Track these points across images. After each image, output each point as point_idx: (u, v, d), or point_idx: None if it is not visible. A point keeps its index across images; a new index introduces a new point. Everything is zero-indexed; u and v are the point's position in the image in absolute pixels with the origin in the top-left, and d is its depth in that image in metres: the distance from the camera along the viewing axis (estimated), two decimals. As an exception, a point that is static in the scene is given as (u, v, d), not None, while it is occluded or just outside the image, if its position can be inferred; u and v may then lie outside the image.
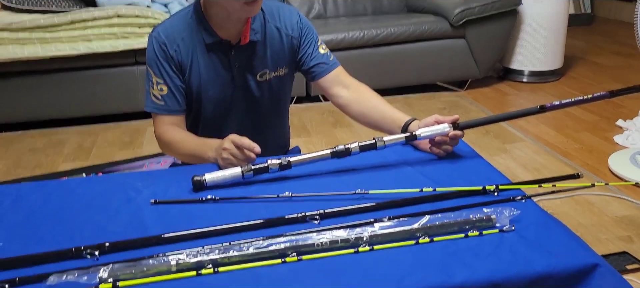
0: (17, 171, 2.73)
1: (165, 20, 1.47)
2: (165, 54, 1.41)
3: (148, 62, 1.44)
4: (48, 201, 1.16)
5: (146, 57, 1.45)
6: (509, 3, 3.69)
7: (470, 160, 1.31)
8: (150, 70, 1.43)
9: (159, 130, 1.47)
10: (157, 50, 1.41)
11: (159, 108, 1.44)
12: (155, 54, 1.41)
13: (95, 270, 0.88)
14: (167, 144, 1.46)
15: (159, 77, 1.42)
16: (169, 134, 1.45)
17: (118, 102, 3.28)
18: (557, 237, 0.97)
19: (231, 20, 1.38)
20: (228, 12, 1.35)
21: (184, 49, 1.42)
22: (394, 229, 0.97)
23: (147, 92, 1.45)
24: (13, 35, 2.98)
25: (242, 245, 0.93)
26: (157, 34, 1.42)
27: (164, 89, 1.42)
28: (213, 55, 1.43)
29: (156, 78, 1.42)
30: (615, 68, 4.30)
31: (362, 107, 1.49)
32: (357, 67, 3.41)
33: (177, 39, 1.41)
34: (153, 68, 1.42)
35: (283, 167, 1.21)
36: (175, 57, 1.41)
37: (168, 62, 1.41)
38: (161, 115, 1.45)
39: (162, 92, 1.43)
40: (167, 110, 1.45)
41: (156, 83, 1.42)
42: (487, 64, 3.81)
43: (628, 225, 2.11)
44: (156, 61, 1.41)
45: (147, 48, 1.44)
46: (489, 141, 2.95)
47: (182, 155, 1.46)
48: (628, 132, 2.96)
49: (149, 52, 1.43)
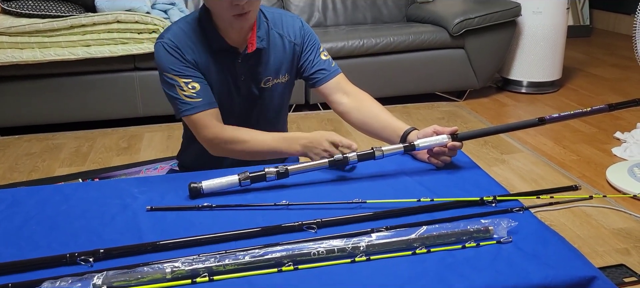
0: (12, 176, 2.72)
1: (169, 28, 1.41)
2: (181, 55, 1.36)
3: (165, 69, 1.37)
4: (43, 206, 1.15)
5: (160, 66, 1.37)
6: (508, 14, 3.71)
7: (468, 170, 1.31)
8: (173, 75, 1.36)
9: (213, 131, 1.38)
10: (173, 53, 1.36)
11: (200, 105, 1.37)
12: (172, 57, 1.36)
13: (89, 277, 0.87)
14: (231, 142, 1.38)
15: (185, 77, 1.36)
16: (228, 132, 1.38)
17: (116, 108, 3.27)
18: (555, 249, 0.97)
19: (234, 28, 1.38)
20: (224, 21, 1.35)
21: (195, 53, 1.39)
22: (391, 239, 0.97)
23: (177, 99, 1.37)
24: (12, 39, 2.98)
25: (238, 254, 0.92)
26: (168, 41, 1.37)
27: (196, 86, 1.36)
28: (220, 62, 1.42)
29: (183, 79, 1.36)
30: (614, 80, 4.31)
31: (363, 115, 1.49)
32: (356, 76, 3.40)
33: (189, 43, 1.38)
34: (175, 71, 1.36)
35: (280, 175, 1.21)
36: (191, 60, 1.38)
37: (187, 62, 1.37)
38: (205, 111, 1.37)
39: (195, 90, 1.36)
40: (208, 105, 1.38)
41: (185, 83, 1.36)
42: (485, 74, 3.82)
43: (625, 238, 2.11)
44: (175, 63, 1.36)
45: (159, 56, 1.37)
46: (487, 151, 2.95)
47: (253, 152, 1.38)
48: (626, 144, 2.96)
49: (163, 59, 1.36)
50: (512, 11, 3.72)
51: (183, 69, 1.37)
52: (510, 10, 3.71)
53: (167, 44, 1.37)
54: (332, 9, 4.07)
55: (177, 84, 1.36)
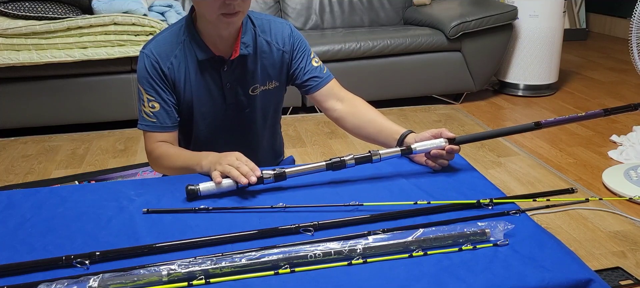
0: (8, 177, 2.71)
1: (156, 36, 1.44)
2: (157, 71, 1.38)
3: (139, 79, 1.41)
4: (39, 209, 1.15)
5: (137, 74, 1.42)
6: (505, 17, 3.72)
7: (464, 173, 1.31)
8: (141, 88, 1.40)
9: (150, 147, 1.43)
10: (149, 67, 1.38)
11: (150, 125, 1.41)
12: (147, 71, 1.39)
13: (85, 280, 0.87)
14: (158, 158, 1.42)
15: (149, 94, 1.39)
16: (160, 149, 1.41)
17: (112, 110, 3.27)
18: (551, 252, 0.97)
19: (220, 35, 1.37)
20: (212, 24, 1.34)
21: (177, 66, 1.40)
22: (387, 242, 0.97)
23: (139, 110, 1.43)
24: (8, 41, 2.97)
25: (235, 256, 0.92)
26: (149, 52, 1.39)
27: (156, 106, 1.40)
28: (205, 72, 1.42)
29: (147, 95, 1.39)
30: (610, 83, 4.32)
31: (358, 120, 1.48)
32: (353, 79, 3.43)
33: (170, 56, 1.39)
34: (144, 85, 1.40)
35: (278, 178, 1.20)
36: (169, 75, 1.39)
37: (160, 79, 1.39)
38: (152, 132, 1.42)
39: (153, 109, 1.40)
40: (159, 127, 1.41)
41: (147, 100, 1.40)
42: (482, 77, 3.83)
43: (622, 241, 2.11)
44: (147, 78, 1.39)
45: (138, 65, 1.41)
46: (483, 154, 2.96)
47: (173, 169, 1.40)
48: (622, 147, 2.97)
49: (140, 70, 1.40)
50: (508, 14, 3.73)
51: (151, 85, 1.39)
52: (507, 14, 3.72)
53: (148, 55, 1.39)
54: (329, 12, 4.08)
55: (141, 97, 1.41)
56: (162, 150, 1.41)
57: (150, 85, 1.39)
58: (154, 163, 1.45)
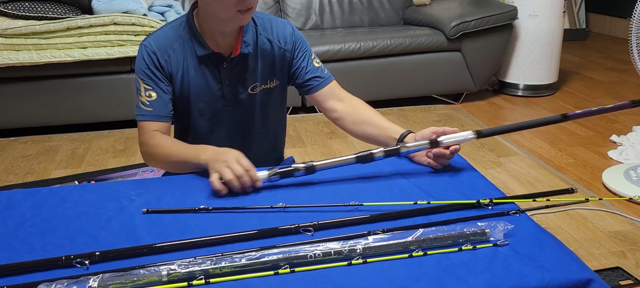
0: (8, 177, 2.71)
1: (156, 31, 1.45)
2: (154, 62, 1.39)
3: (137, 71, 1.42)
4: (39, 209, 1.15)
5: (135, 67, 1.43)
6: (505, 17, 3.72)
7: (464, 173, 1.31)
8: (139, 78, 1.41)
9: (145, 137, 1.41)
10: (147, 58, 1.39)
11: (147, 114, 1.40)
12: (144, 62, 1.40)
13: (85, 280, 0.87)
14: (153, 147, 1.39)
15: (147, 84, 1.40)
16: (155, 138, 1.39)
17: (112, 110, 3.27)
18: (551, 252, 0.97)
19: (223, 32, 1.38)
20: (220, 21, 1.35)
21: (175, 59, 1.41)
22: (387, 242, 0.97)
23: (136, 104, 1.42)
24: (8, 41, 2.97)
25: (234, 256, 0.92)
26: (148, 43, 1.41)
27: (153, 95, 1.40)
28: (204, 68, 1.42)
29: (144, 85, 1.40)
30: (610, 83, 4.32)
31: (357, 121, 1.49)
32: (353, 79, 3.43)
33: (168, 49, 1.40)
34: (141, 76, 1.40)
35: (309, 171, 1.22)
36: (166, 67, 1.40)
37: (158, 69, 1.40)
38: (148, 121, 1.40)
39: (150, 98, 1.40)
40: (155, 116, 1.40)
41: (144, 90, 1.40)
42: (482, 77, 3.83)
43: (621, 241, 2.11)
44: (145, 69, 1.40)
45: (137, 57, 1.42)
46: (483, 154, 2.96)
47: (168, 160, 1.38)
48: (622, 147, 2.97)
49: (138, 61, 1.41)
50: (508, 14, 3.73)
51: (149, 75, 1.40)
52: (507, 14, 3.73)
53: (147, 46, 1.40)
54: (329, 12, 4.08)
55: (139, 87, 1.42)
56: (157, 140, 1.40)
57: (148, 76, 1.40)
58: (147, 154, 1.42)
